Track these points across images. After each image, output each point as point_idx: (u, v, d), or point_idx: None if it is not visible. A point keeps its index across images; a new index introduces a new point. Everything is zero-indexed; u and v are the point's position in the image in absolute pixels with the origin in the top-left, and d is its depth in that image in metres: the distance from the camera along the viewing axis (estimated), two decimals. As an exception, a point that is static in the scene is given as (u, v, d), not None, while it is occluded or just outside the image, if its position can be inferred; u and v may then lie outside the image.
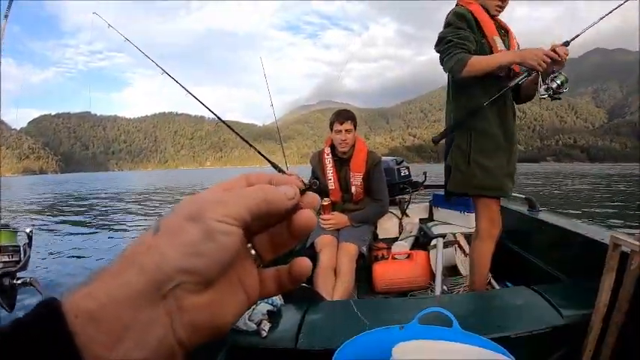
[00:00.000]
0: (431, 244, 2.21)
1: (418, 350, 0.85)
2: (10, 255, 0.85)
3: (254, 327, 1.08)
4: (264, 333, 1.07)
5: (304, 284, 1.60)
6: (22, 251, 0.88)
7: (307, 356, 1.02)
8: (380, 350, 0.87)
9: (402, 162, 2.91)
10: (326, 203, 2.17)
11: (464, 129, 1.56)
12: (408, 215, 2.78)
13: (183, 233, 0.19)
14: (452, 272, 2.06)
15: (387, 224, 2.68)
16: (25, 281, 0.87)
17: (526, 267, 1.86)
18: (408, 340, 0.87)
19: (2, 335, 0.16)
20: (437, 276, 1.94)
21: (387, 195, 2.27)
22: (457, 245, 2.13)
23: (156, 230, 0.20)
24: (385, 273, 2.05)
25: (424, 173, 2.94)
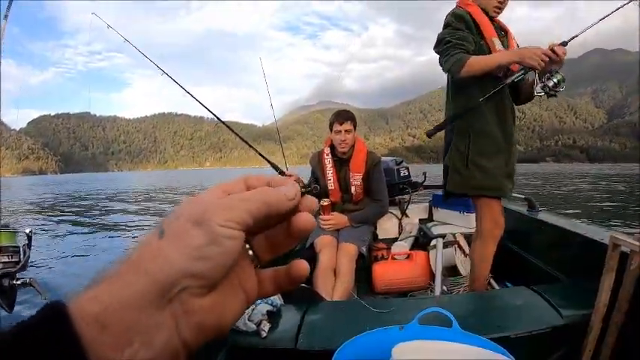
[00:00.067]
0: (430, 245, 2.21)
1: (418, 350, 0.85)
2: (10, 255, 0.85)
3: (254, 327, 1.08)
4: (263, 333, 1.07)
5: (304, 284, 1.60)
6: (22, 252, 0.88)
7: (307, 356, 1.02)
8: (380, 350, 0.87)
9: (402, 162, 2.91)
10: (326, 204, 2.16)
11: (462, 130, 1.56)
12: (408, 215, 2.78)
13: (188, 237, 0.19)
14: (451, 272, 2.06)
15: (387, 224, 2.68)
16: (25, 282, 0.87)
17: (526, 267, 1.86)
18: (408, 341, 0.87)
19: (9, 337, 0.16)
20: (437, 276, 1.94)
21: (387, 195, 2.27)
22: (457, 245, 2.13)
23: (161, 234, 0.20)
24: (385, 273, 2.05)
25: (424, 173, 2.94)
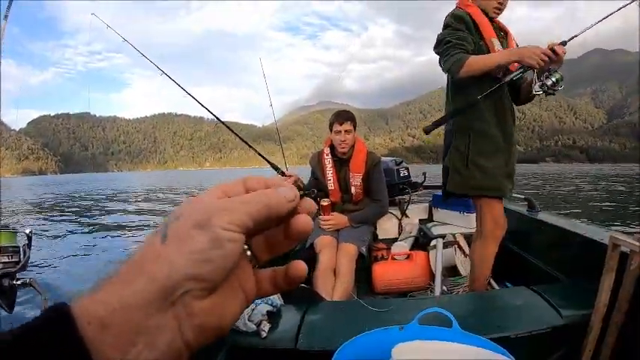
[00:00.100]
0: (430, 245, 2.21)
1: (418, 351, 0.85)
2: (10, 256, 0.85)
3: (254, 327, 1.08)
4: (263, 333, 1.07)
5: (304, 285, 1.60)
6: (22, 252, 0.88)
7: (307, 357, 1.02)
8: (380, 351, 0.87)
9: (402, 163, 2.91)
10: (325, 204, 2.16)
11: (462, 131, 1.56)
12: (408, 216, 2.78)
13: (190, 241, 0.20)
14: (451, 273, 2.06)
15: (387, 225, 2.68)
16: (25, 282, 0.87)
17: (526, 267, 1.86)
18: (408, 341, 0.87)
19: (11, 337, 0.16)
20: (436, 276, 1.94)
21: (387, 195, 2.27)
22: (457, 246, 2.13)
23: (163, 237, 0.20)
24: (385, 273, 2.05)
25: (423, 174, 2.95)
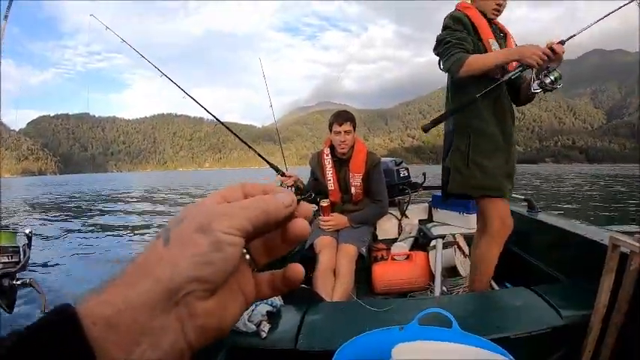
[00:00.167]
0: (430, 245, 2.21)
1: (418, 351, 0.85)
2: (10, 256, 0.85)
3: (254, 328, 1.08)
4: (263, 334, 1.07)
5: (304, 285, 1.60)
6: (22, 252, 0.88)
7: (307, 357, 1.02)
8: (379, 351, 0.87)
9: (401, 163, 2.91)
10: (325, 204, 2.16)
11: (462, 131, 1.56)
12: (408, 216, 2.78)
13: (192, 244, 0.21)
14: (451, 273, 2.06)
15: (387, 225, 2.68)
16: (25, 282, 0.87)
17: (525, 268, 1.86)
18: (408, 341, 0.87)
19: (15, 338, 0.17)
20: (436, 277, 1.94)
21: (387, 196, 2.27)
22: (456, 246, 2.13)
23: (166, 241, 0.21)
24: (384, 274, 2.05)
25: (423, 174, 2.95)
